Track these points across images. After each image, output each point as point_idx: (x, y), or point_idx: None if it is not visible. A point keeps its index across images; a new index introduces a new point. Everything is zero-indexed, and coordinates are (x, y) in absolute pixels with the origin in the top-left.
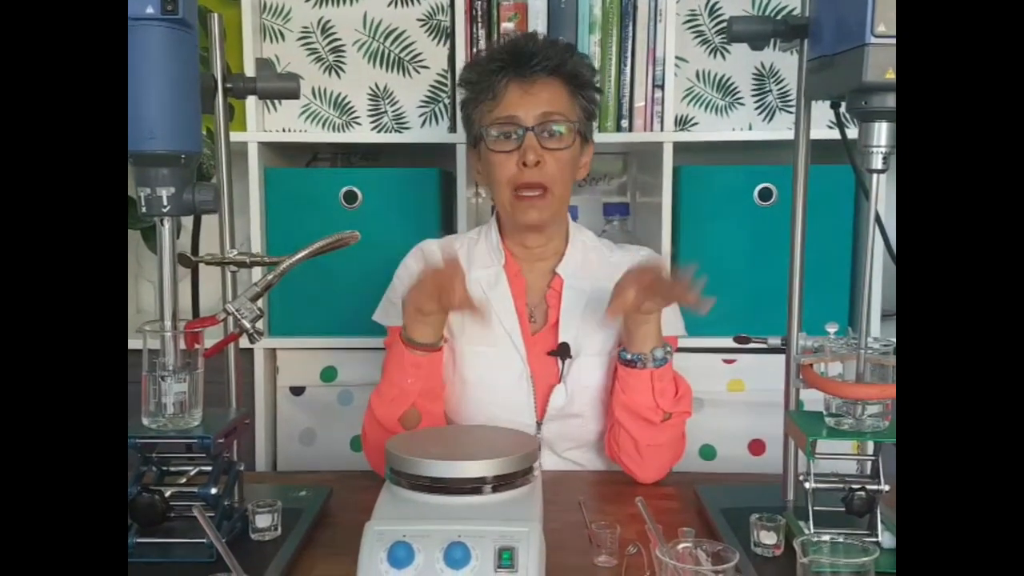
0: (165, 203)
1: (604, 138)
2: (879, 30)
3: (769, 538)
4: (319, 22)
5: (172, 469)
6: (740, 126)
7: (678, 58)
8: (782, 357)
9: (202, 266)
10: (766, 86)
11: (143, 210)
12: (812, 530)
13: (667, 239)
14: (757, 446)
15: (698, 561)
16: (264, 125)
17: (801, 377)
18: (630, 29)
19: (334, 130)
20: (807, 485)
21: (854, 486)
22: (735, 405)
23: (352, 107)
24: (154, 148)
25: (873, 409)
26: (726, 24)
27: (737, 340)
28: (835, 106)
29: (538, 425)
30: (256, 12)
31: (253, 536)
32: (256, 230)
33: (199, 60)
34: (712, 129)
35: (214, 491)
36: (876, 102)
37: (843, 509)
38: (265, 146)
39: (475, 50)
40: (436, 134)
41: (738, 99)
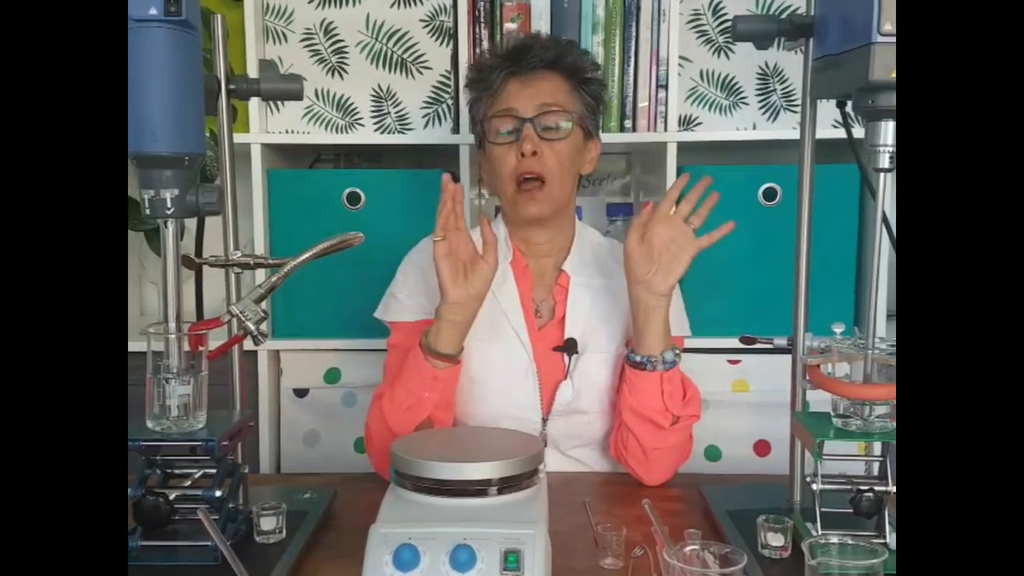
0: (169, 205)
1: (607, 138)
2: (885, 28)
3: (776, 540)
4: (322, 23)
5: (176, 472)
6: (744, 126)
7: (682, 58)
8: (786, 357)
9: (206, 268)
10: (770, 85)
11: (147, 212)
12: (820, 532)
13: None
14: (762, 447)
15: (706, 563)
16: (267, 127)
17: (808, 378)
18: (633, 29)
19: (337, 131)
20: (814, 486)
21: (862, 487)
22: (740, 406)
23: (355, 108)
24: (158, 150)
25: (881, 410)
26: (730, 23)
27: (743, 340)
28: (841, 105)
29: (544, 421)
30: (259, 13)
31: (258, 539)
32: (259, 232)
33: (202, 62)
34: (716, 129)
35: (218, 494)
36: (883, 101)
37: (851, 510)
38: (268, 148)
39: (478, 51)
40: (439, 135)
41: (742, 99)
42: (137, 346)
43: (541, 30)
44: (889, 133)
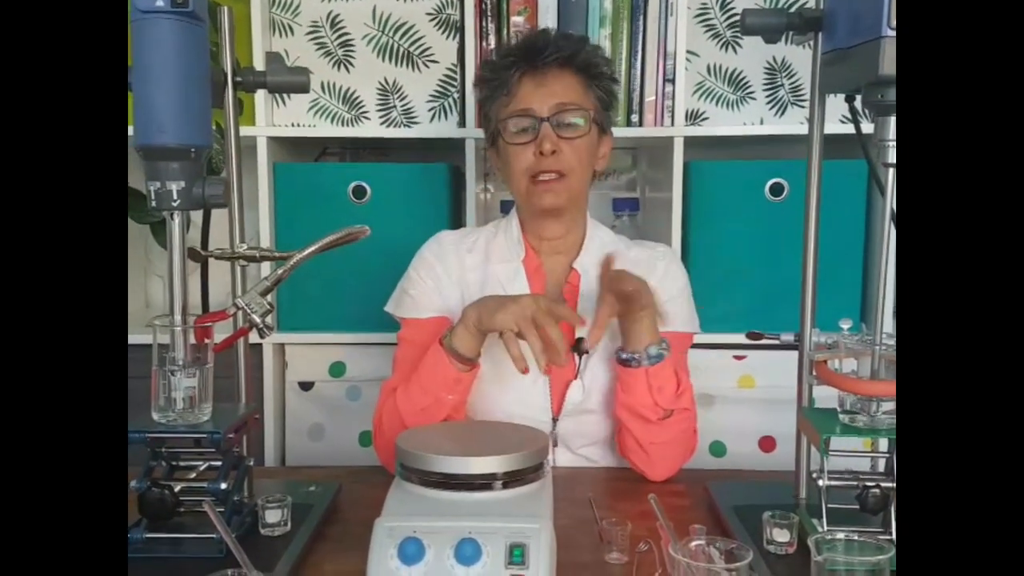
0: (175, 197)
1: (614, 132)
2: (895, 23)
3: (782, 536)
4: (328, 16)
5: (182, 464)
6: (751, 121)
7: (689, 52)
8: (792, 353)
9: (212, 261)
10: (778, 80)
11: (153, 204)
12: (826, 528)
13: (677, 235)
14: (767, 443)
15: (711, 559)
16: (273, 119)
17: (814, 373)
18: (640, 23)
19: (343, 125)
20: (820, 482)
21: (868, 483)
22: (745, 402)
23: (361, 101)
24: (164, 142)
25: (887, 406)
26: (738, 17)
27: (750, 336)
28: (850, 99)
29: (554, 421)
30: (265, 6)
31: (263, 531)
32: (265, 225)
33: (209, 54)
34: (723, 124)
35: (224, 486)
36: (892, 95)
37: (856, 506)
38: (274, 141)
39: (484, 44)
40: (445, 129)
41: (749, 93)
42: (143, 338)
43: (548, 24)
44: None
